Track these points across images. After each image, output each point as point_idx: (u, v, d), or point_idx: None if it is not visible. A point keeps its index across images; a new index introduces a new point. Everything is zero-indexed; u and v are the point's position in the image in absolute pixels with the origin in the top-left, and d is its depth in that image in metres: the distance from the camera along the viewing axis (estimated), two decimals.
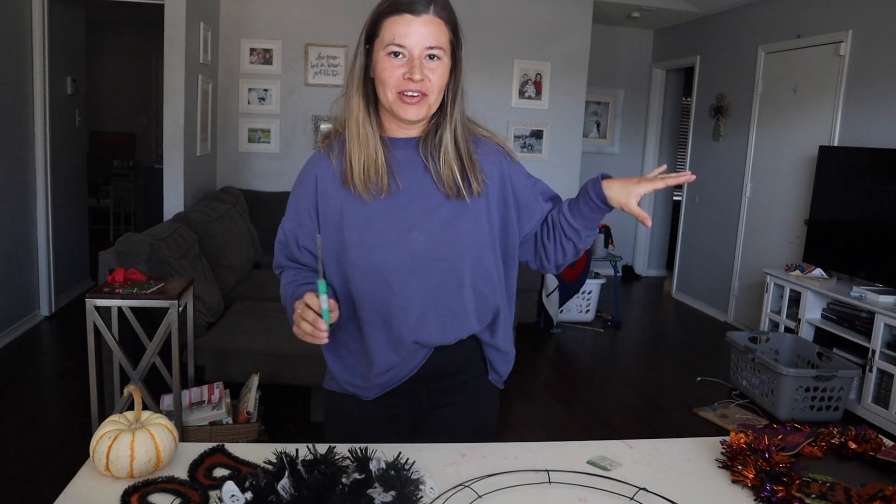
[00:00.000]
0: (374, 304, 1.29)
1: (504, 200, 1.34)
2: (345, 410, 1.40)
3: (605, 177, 1.30)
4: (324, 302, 1.16)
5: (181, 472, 1.12)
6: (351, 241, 1.27)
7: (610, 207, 1.30)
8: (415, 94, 1.21)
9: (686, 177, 1.26)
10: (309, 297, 1.18)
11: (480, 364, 1.41)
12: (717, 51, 5.75)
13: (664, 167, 1.34)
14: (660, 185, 1.25)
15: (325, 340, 1.18)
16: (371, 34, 1.25)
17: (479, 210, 1.31)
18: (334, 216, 1.29)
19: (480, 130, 1.36)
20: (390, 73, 1.21)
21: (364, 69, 1.26)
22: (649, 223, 1.28)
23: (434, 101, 1.24)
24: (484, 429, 1.44)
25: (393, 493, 1.02)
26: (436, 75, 1.22)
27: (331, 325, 1.18)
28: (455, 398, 1.39)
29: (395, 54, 1.20)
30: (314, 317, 1.17)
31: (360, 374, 1.35)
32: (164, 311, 2.52)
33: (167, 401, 2.78)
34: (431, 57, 1.21)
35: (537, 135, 5.72)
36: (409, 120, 1.25)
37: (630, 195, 1.25)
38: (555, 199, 1.42)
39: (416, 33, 1.19)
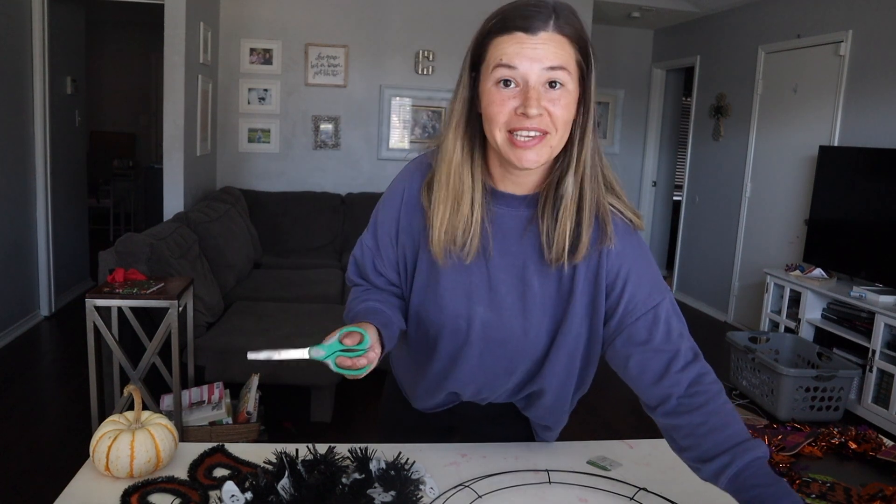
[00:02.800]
0: (418, 354, 1.21)
1: (598, 290, 1.08)
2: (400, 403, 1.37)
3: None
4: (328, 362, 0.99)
5: (181, 472, 1.12)
6: (416, 286, 1.15)
7: None
8: (531, 134, 0.95)
9: None
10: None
11: (523, 426, 1.30)
12: (717, 51, 5.74)
13: None
14: None
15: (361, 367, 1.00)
16: (476, 59, 0.99)
17: (570, 295, 1.08)
18: (410, 250, 1.13)
19: (613, 200, 1.07)
20: (499, 108, 0.95)
21: (468, 102, 1.01)
22: None
23: (557, 142, 0.98)
24: None
25: (393, 493, 1.02)
26: (559, 107, 0.95)
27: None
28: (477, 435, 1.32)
29: (506, 83, 0.95)
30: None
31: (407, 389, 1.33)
32: (164, 311, 2.52)
33: (167, 401, 2.78)
34: (553, 84, 0.95)
35: None
36: (525, 167, 0.98)
37: None
38: (695, 354, 1.06)
39: (532, 54, 0.93)
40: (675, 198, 7.12)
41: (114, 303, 2.49)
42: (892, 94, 3.94)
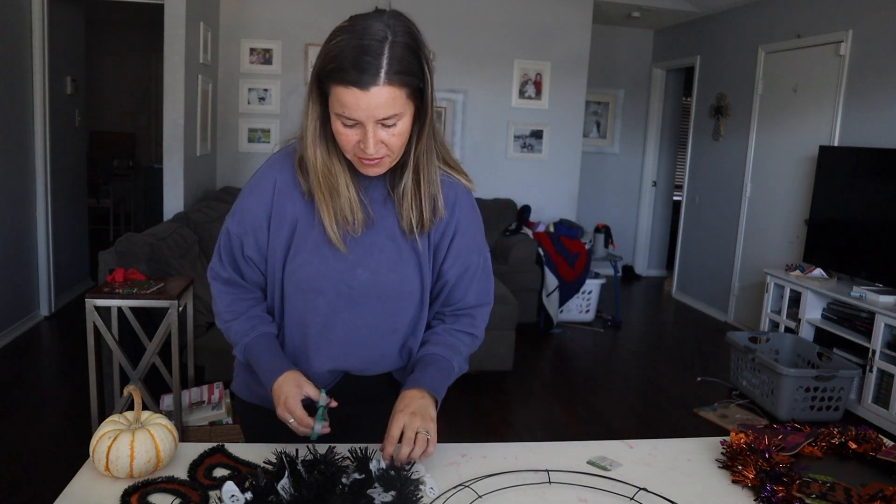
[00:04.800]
0: (302, 328, 1.26)
1: (440, 240, 1.29)
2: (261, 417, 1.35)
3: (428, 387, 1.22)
4: (317, 425, 1.16)
5: (181, 472, 1.12)
6: (296, 261, 1.23)
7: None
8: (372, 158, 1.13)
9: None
10: (301, 413, 1.16)
11: (389, 393, 1.33)
12: (717, 51, 5.75)
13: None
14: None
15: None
16: (322, 87, 1.12)
17: (425, 248, 1.27)
18: (285, 231, 1.24)
19: (447, 169, 1.27)
20: (345, 141, 1.12)
21: (321, 117, 1.15)
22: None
23: (397, 155, 1.16)
24: None
25: (393, 493, 1.02)
26: (394, 137, 1.11)
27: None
28: (362, 425, 1.35)
29: (346, 125, 1.10)
30: (297, 424, 1.17)
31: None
32: (164, 311, 2.52)
33: (167, 401, 2.78)
34: (387, 125, 1.10)
35: (537, 135, 5.72)
36: (372, 176, 1.19)
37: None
38: (473, 304, 1.33)
39: (366, 107, 1.06)
40: (675, 198, 7.13)
41: (114, 303, 2.49)
42: (892, 94, 3.94)
